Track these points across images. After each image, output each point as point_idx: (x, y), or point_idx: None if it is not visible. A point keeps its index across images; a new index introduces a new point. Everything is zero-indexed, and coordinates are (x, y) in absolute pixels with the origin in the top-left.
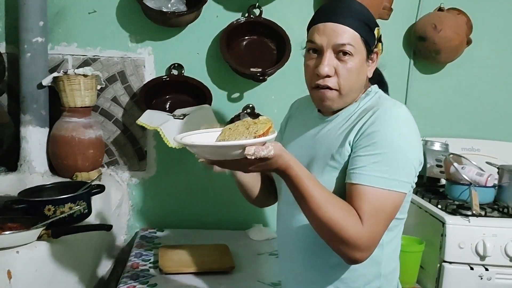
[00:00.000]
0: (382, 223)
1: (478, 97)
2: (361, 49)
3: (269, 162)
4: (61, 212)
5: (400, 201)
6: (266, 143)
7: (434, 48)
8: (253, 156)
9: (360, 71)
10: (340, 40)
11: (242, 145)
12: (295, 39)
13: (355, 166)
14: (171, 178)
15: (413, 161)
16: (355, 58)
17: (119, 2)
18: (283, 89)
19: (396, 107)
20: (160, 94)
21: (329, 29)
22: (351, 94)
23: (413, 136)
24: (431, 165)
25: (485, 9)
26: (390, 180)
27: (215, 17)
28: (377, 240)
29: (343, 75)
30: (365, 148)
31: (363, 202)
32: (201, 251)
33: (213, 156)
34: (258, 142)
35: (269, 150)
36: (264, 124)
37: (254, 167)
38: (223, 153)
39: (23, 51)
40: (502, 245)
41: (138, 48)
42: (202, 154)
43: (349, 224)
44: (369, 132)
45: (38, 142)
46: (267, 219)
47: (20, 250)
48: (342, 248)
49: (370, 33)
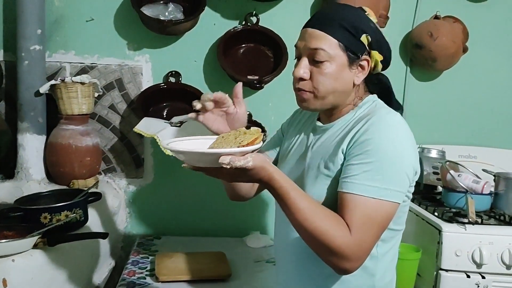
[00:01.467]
0: (372, 233)
1: (475, 104)
2: (339, 55)
3: (250, 173)
4: (58, 220)
5: (392, 211)
6: (246, 154)
7: (431, 56)
8: (228, 165)
9: (338, 76)
10: (313, 45)
11: (218, 154)
12: (292, 47)
13: (347, 175)
14: (168, 185)
15: (406, 170)
16: (331, 64)
17: (116, 10)
18: (280, 96)
19: (390, 115)
20: (157, 101)
21: (307, 34)
22: (329, 97)
23: (407, 145)
24: (428, 172)
25: (481, 17)
26: (381, 189)
27: (212, 25)
28: (367, 250)
29: (317, 79)
30: (358, 157)
31: (353, 211)
32: (198, 258)
33: (195, 162)
34: (234, 152)
35: (246, 161)
36: (251, 135)
37: (236, 177)
38: (203, 160)
39: (21, 59)
40: (498, 253)
41: (135, 56)
42: (186, 161)
43: (336, 234)
44: (362, 140)
45: (35, 150)
46: (264, 226)
47: (16, 258)
48: (330, 258)
49: (354, 40)
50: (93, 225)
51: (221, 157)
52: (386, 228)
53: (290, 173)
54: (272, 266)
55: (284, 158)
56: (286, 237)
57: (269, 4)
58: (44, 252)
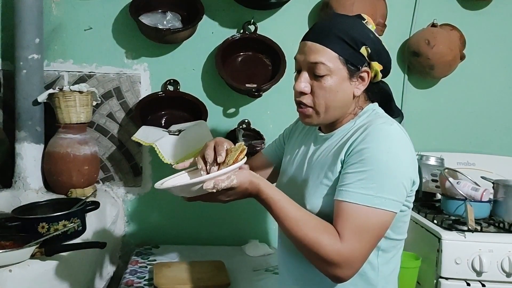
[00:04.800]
0: (365, 240)
1: (473, 111)
2: (339, 68)
3: (237, 190)
4: (55, 229)
5: (387, 220)
6: (229, 173)
7: (428, 63)
8: (214, 189)
9: (339, 89)
10: (313, 59)
11: (201, 181)
12: (290, 55)
13: (342, 183)
14: (167, 194)
15: (403, 180)
16: (332, 77)
17: (115, 19)
18: (278, 104)
19: (386, 125)
20: (155, 110)
21: (306, 48)
22: (330, 111)
23: (404, 154)
24: (427, 179)
25: (478, 25)
26: (375, 198)
27: (210, 34)
28: (360, 258)
29: (317, 93)
30: (353, 166)
31: (346, 219)
32: (197, 268)
33: (187, 194)
34: (214, 176)
35: (230, 180)
36: (235, 151)
37: (226, 196)
38: (190, 190)
39: (19, 68)
40: (498, 261)
41: (133, 65)
42: (179, 194)
43: (325, 242)
44: (358, 149)
45: (33, 159)
46: (263, 235)
47: (13, 269)
48: (321, 266)
49: (353, 52)
50: (91, 235)
51: (204, 184)
52: (382, 236)
53: (291, 182)
54: (272, 274)
55: (286, 167)
56: (289, 246)
57: (267, 13)
58: (41, 262)
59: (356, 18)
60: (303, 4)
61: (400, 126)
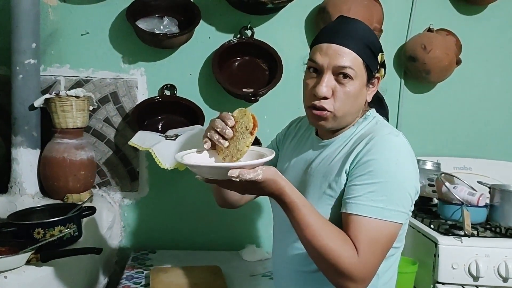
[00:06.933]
0: (378, 253)
1: (469, 116)
2: (362, 73)
3: (260, 186)
4: (51, 235)
5: (396, 232)
6: (256, 166)
7: (424, 68)
8: (237, 178)
9: (359, 95)
10: (342, 63)
11: (226, 167)
12: (287, 60)
13: (351, 196)
14: (163, 199)
15: (409, 191)
16: (355, 82)
17: (111, 23)
18: (275, 109)
19: (392, 136)
20: (152, 114)
21: (331, 50)
22: (346, 117)
23: (410, 165)
24: (423, 184)
25: (474, 30)
26: (386, 210)
27: (207, 38)
28: (372, 271)
29: (340, 98)
30: (361, 177)
31: (359, 232)
32: (193, 273)
33: (206, 175)
34: (244, 165)
35: (256, 174)
36: (241, 118)
37: (246, 189)
38: (212, 173)
39: (15, 73)
40: (495, 266)
41: (130, 69)
42: (200, 174)
43: (345, 255)
44: (365, 160)
45: (29, 164)
46: (260, 240)
47: (8, 275)
48: (337, 278)
49: (373, 58)
50: (87, 240)
51: (230, 171)
52: (390, 248)
53: None
54: (268, 280)
55: (282, 173)
56: (285, 252)
57: (264, 18)
58: (37, 268)
59: (367, 25)
60: (300, 9)
61: (404, 137)
